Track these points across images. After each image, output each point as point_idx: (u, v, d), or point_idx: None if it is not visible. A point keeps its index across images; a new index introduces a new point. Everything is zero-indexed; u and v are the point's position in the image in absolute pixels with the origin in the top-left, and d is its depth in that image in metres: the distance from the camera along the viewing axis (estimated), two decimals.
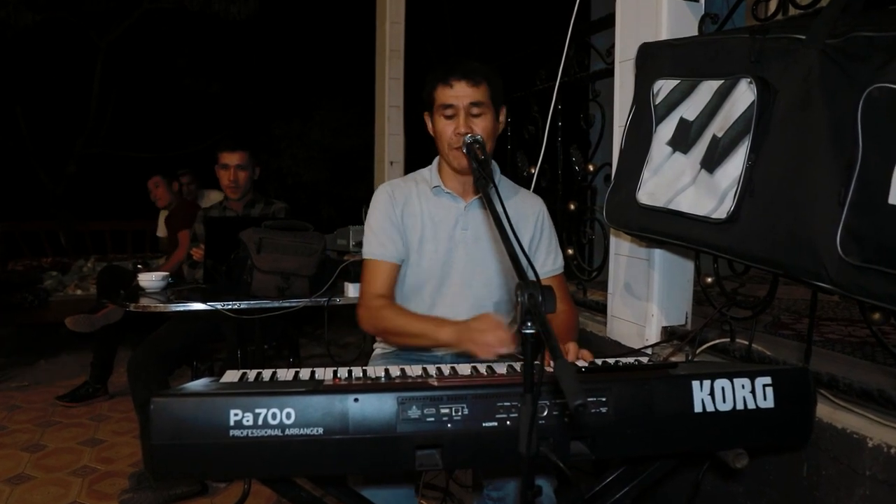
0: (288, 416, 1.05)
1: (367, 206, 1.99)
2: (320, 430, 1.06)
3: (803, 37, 1.30)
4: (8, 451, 2.93)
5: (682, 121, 1.53)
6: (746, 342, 1.63)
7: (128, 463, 2.80)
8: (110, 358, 3.69)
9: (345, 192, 7.16)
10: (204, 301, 2.11)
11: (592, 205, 2.39)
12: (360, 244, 2.62)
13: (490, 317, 1.48)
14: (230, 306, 2.13)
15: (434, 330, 1.58)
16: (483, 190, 1.42)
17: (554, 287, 1.85)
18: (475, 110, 1.67)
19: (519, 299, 1.02)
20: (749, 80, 1.35)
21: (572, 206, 2.44)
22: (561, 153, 2.47)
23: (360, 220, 2.87)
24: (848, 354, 1.72)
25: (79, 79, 6.53)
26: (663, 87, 1.59)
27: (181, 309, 2.11)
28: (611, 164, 2.07)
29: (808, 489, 1.37)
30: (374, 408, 1.08)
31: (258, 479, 1.19)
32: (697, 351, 1.73)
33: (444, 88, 1.67)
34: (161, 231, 4.68)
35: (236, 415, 1.04)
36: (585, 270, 2.44)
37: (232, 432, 1.03)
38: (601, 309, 2.21)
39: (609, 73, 2.13)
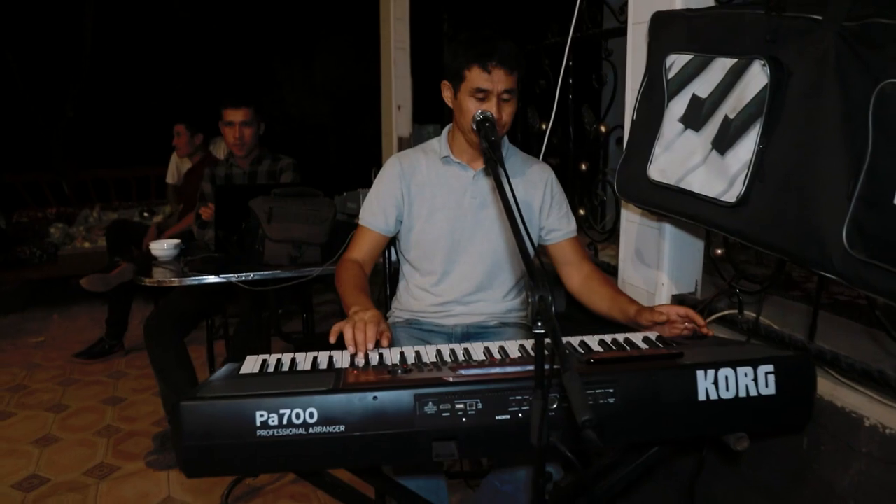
0: (311, 415, 1.09)
1: (377, 169, 2.01)
2: (342, 428, 1.10)
3: (820, 17, 1.28)
4: (33, 411, 3.04)
5: (695, 98, 1.52)
6: (754, 315, 1.66)
7: (149, 422, 2.90)
8: (125, 314, 3.76)
9: (352, 132, 7.06)
10: (217, 273, 2.14)
11: (604, 167, 2.39)
12: None
13: (372, 318, 1.46)
14: (244, 278, 2.17)
15: (348, 305, 1.59)
16: (493, 171, 1.43)
17: (574, 247, 1.90)
18: (506, 96, 1.67)
19: (530, 300, 1.04)
20: (763, 62, 1.33)
21: (584, 167, 2.43)
22: (572, 111, 2.44)
23: (368, 180, 2.87)
24: (855, 321, 1.75)
25: (70, 18, 6.34)
26: (676, 61, 1.56)
27: (196, 283, 2.14)
28: (622, 127, 2.05)
29: (808, 462, 1.43)
30: (393, 404, 1.12)
31: (285, 472, 1.24)
32: (707, 321, 1.77)
33: (480, 71, 1.64)
34: (171, 177, 4.68)
35: (262, 416, 1.08)
36: (597, 231, 2.45)
37: (258, 432, 1.08)
38: (612, 271, 2.23)
39: (622, 31, 2.07)
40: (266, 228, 2.19)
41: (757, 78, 1.35)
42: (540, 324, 1.02)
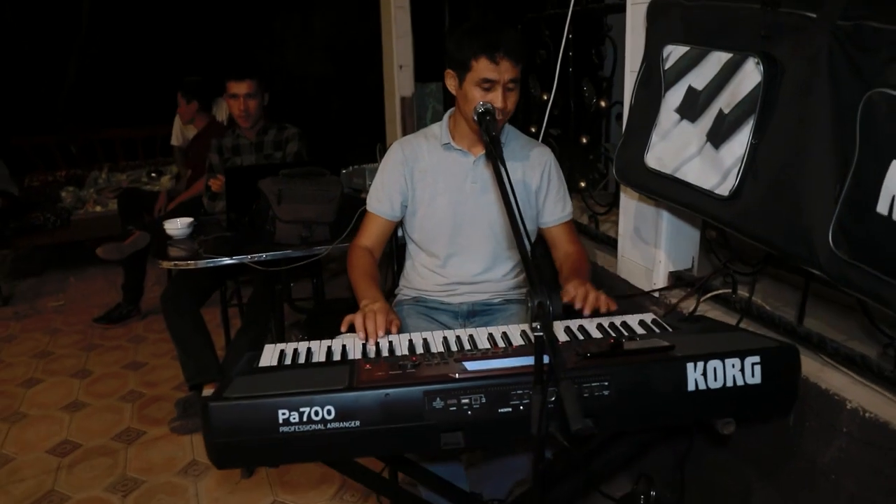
0: (329, 412, 1.19)
1: (382, 146, 2.06)
2: (357, 423, 1.20)
3: (814, 14, 1.30)
4: (59, 378, 3.18)
5: (691, 89, 1.55)
6: (747, 294, 1.74)
7: (170, 386, 3.03)
8: (140, 280, 3.87)
9: (353, 83, 7.00)
10: (231, 255, 2.22)
11: (606, 140, 2.42)
12: None
13: (381, 308, 1.59)
14: (256, 258, 2.25)
15: (360, 297, 1.71)
16: (494, 168, 1.48)
17: (563, 232, 1.98)
18: (511, 85, 1.70)
19: (529, 304, 1.12)
20: (756, 60, 1.36)
21: (584, 140, 2.47)
22: (573, 84, 2.46)
23: (373, 153, 2.92)
24: (846, 294, 1.81)
25: None
26: (673, 52, 1.59)
27: (211, 265, 2.22)
28: (621, 103, 2.09)
29: (794, 437, 1.52)
30: (403, 400, 1.21)
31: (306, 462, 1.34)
32: (702, 299, 1.85)
33: (487, 62, 1.67)
34: (175, 140, 4.71)
35: (284, 414, 1.18)
36: (597, 203, 2.50)
37: (281, 429, 1.18)
38: (612, 243, 2.29)
39: (621, 7, 2.09)
40: (276, 210, 2.25)
41: (751, 75, 1.38)
42: (538, 326, 1.10)
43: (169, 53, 6.47)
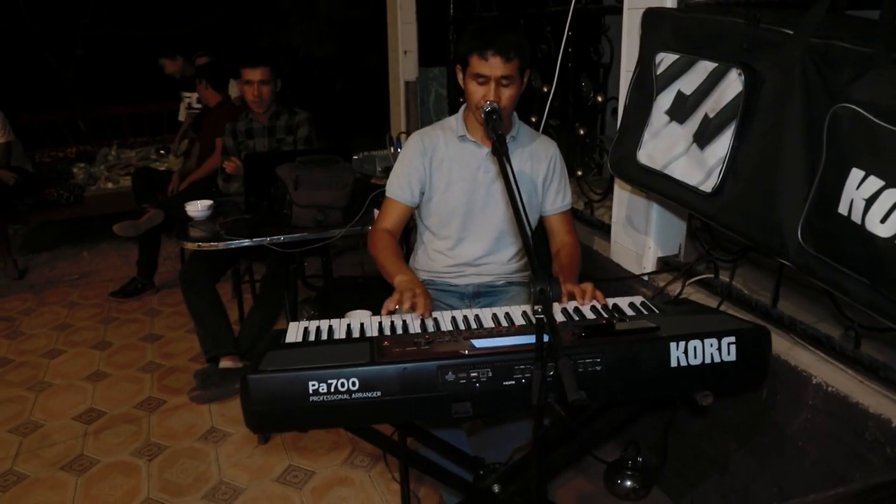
0: (353, 384, 1.35)
1: (390, 134, 2.20)
2: (378, 393, 1.36)
3: (791, 31, 1.44)
4: (80, 349, 3.35)
5: (680, 93, 1.69)
6: (728, 279, 1.90)
7: (187, 358, 3.20)
8: (155, 255, 4.02)
9: (358, 64, 7.10)
10: (250, 237, 2.38)
11: (602, 133, 2.56)
12: (386, 170, 2.84)
13: (412, 287, 1.76)
14: (275, 240, 2.40)
15: (391, 273, 1.89)
16: (500, 165, 1.63)
17: (560, 221, 2.15)
18: (504, 82, 1.85)
19: (531, 290, 1.27)
20: (739, 71, 1.50)
21: (582, 132, 2.62)
22: (572, 79, 2.59)
23: (381, 139, 3.06)
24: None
25: None
26: (664, 59, 1.73)
27: (233, 246, 2.38)
28: (617, 99, 2.23)
29: (766, 407, 1.70)
30: (419, 374, 1.37)
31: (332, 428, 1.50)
32: (687, 283, 2.01)
33: (478, 59, 1.84)
34: (183, 116, 4.82)
35: (313, 385, 1.34)
36: (594, 192, 2.65)
37: (311, 398, 1.34)
38: (606, 229, 2.45)
39: (618, 10, 2.21)
40: (293, 195, 2.40)
41: (733, 84, 1.53)
42: (539, 310, 1.26)
43: (174, 32, 6.54)
